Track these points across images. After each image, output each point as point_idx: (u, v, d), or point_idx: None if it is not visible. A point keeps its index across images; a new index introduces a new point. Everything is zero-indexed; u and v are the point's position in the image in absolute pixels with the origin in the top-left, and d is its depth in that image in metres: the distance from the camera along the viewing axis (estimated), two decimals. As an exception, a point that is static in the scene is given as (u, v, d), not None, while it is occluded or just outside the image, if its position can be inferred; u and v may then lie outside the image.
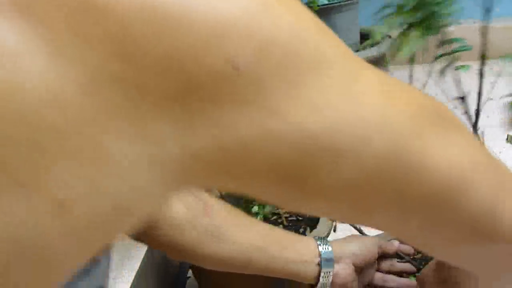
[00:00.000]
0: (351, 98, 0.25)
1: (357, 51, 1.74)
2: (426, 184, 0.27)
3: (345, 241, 0.67)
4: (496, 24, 2.45)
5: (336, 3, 1.67)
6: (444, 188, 0.28)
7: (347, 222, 0.32)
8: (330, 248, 0.63)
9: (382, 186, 0.27)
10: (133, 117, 0.20)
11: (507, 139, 0.63)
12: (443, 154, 0.27)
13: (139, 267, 0.90)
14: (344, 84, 0.24)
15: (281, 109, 0.23)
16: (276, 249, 0.61)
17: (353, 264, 0.65)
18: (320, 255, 0.63)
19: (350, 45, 1.67)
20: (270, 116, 0.23)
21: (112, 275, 0.92)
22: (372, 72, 0.27)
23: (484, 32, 0.50)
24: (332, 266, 0.63)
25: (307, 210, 0.28)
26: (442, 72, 0.53)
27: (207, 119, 0.22)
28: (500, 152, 1.40)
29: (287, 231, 0.65)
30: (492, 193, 0.30)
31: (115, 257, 0.93)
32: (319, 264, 0.62)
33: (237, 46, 0.21)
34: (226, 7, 0.21)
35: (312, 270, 0.62)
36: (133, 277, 0.87)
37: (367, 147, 0.25)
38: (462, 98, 0.52)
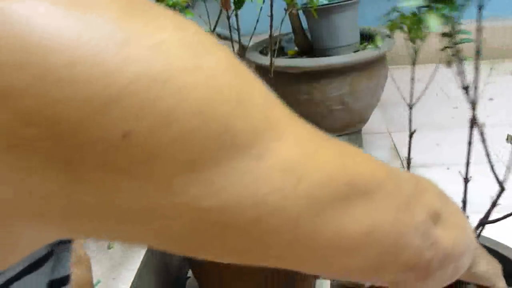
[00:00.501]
0: (250, 181, 0.23)
1: (356, 51, 1.74)
2: (312, 250, 0.28)
3: None
4: (495, 24, 2.45)
5: (336, 3, 1.67)
6: (330, 253, 0.29)
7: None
8: None
9: (267, 253, 0.27)
10: (15, 167, 0.19)
11: (507, 139, 0.63)
12: (336, 228, 0.27)
13: (139, 267, 0.90)
14: (246, 165, 0.23)
15: (173, 187, 0.21)
16: None
17: None
18: None
19: (350, 45, 1.67)
20: (161, 192, 0.21)
21: (112, 275, 0.92)
22: (286, 144, 0.25)
23: (479, 29, 0.51)
24: None
25: (198, 258, 0.28)
26: (449, 63, 0.53)
27: (94, 185, 0.20)
28: (500, 152, 1.41)
29: None
30: (381, 251, 0.31)
31: (115, 257, 0.93)
32: None
33: (129, 115, 0.19)
34: (120, 73, 0.19)
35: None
36: (133, 277, 0.87)
37: (255, 226, 0.24)
38: (466, 89, 0.52)
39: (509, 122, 1.73)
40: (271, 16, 0.85)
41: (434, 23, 0.47)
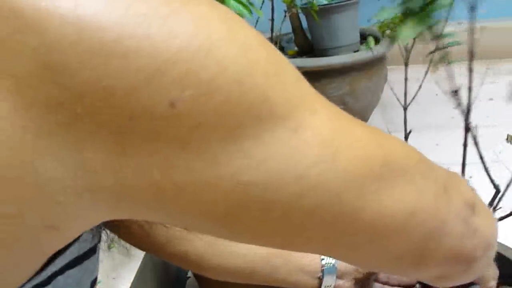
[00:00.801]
0: (290, 153, 0.24)
1: (356, 51, 1.74)
2: (355, 232, 0.27)
3: None
4: (495, 24, 2.45)
5: (336, 3, 1.67)
6: (374, 234, 0.28)
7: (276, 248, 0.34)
8: (333, 262, 0.64)
9: (310, 232, 0.27)
10: (66, 142, 0.20)
11: (507, 139, 0.63)
12: (378, 206, 0.27)
13: (139, 267, 0.90)
14: (285, 137, 0.23)
15: (217, 157, 0.22)
16: (279, 261, 0.61)
17: (355, 279, 0.66)
18: (322, 269, 0.63)
19: (350, 45, 1.67)
20: (205, 163, 0.22)
21: (112, 275, 0.92)
22: (321, 117, 0.25)
23: (471, 30, 0.51)
24: (334, 280, 0.63)
25: (237, 241, 0.28)
26: (435, 67, 0.53)
27: (143, 157, 0.21)
28: (500, 152, 1.41)
29: None
30: (425, 234, 0.30)
31: (115, 257, 0.93)
32: (321, 278, 0.63)
33: (175, 85, 0.20)
34: (166, 44, 0.20)
35: (313, 282, 0.63)
36: (133, 277, 0.87)
37: (299, 202, 0.25)
38: (455, 92, 0.52)
39: (509, 122, 1.73)
40: (272, 19, 0.85)
41: (406, 35, 0.47)
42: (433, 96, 2.08)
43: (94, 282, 0.33)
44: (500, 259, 0.56)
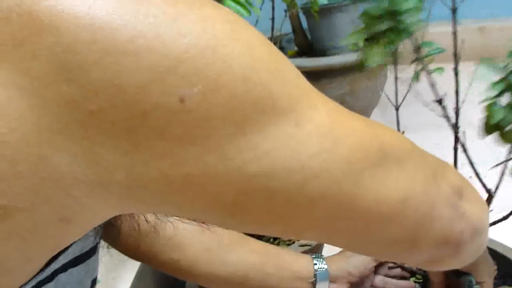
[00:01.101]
0: (293, 145, 0.25)
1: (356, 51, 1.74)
2: (354, 218, 0.29)
3: (342, 257, 0.67)
4: (495, 24, 2.45)
5: (336, 3, 1.67)
6: (371, 220, 0.30)
7: (278, 237, 0.36)
8: (325, 267, 0.64)
9: (312, 219, 0.28)
10: (79, 138, 0.21)
11: (507, 139, 0.63)
12: (375, 193, 0.29)
13: (139, 267, 0.90)
14: (287, 130, 0.25)
15: (225, 151, 0.23)
16: (272, 267, 0.62)
17: (349, 282, 0.66)
18: (315, 274, 0.63)
19: (349, 45, 1.65)
20: (214, 157, 0.23)
21: (112, 275, 0.92)
22: (319, 112, 0.27)
23: (454, 32, 0.51)
24: (327, 285, 0.63)
25: (242, 231, 0.31)
26: (417, 77, 0.53)
27: (154, 152, 0.22)
28: (500, 152, 1.40)
29: (282, 248, 0.66)
30: (417, 219, 0.32)
31: (115, 257, 0.93)
32: (314, 283, 0.63)
33: (185, 81, 0.21)
34: (176, 42, 0.21)
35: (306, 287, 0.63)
36: (133, 277, 0.87)
37: (302, 190, 0.26)
38: (440, 101, 0.52)
39: (509, 122, 1.72)
40: (273, 18, 0.85)
41: (374, 61, 0.46)
42: (433, 96, 2.07)
43: (94, 281, 0.33)
44: (500, 259, 0.56)
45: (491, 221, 0.62)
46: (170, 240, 0.57)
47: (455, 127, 0.54)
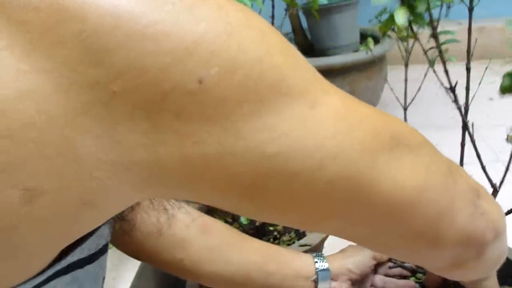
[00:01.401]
0: (309, 126, 0.26)
1: (356, 51, 1.74)
2: (373, 204, 0.29)
3: (342, 256, 0.67)
4: (495, 24, 2.45)
5: (336, 3, 1.67)
6: (390, 208, 0.30)
7: (296, 227, 0.35)
8: (326, 265, 0.64)
9: (330, 204, 0.28)
10: (102, 119, 0.22)
11: (507, 139, 0.63)
12: (391, 179, 0.29)
13: (139, 267, 0.90)
14: (303, 112, 0.25)
15: (242, 131, 0.24)
16: (274, 266, 0.62)
17: (350, 279, 0.66)
18: (316, 272, 0.63)
19: (350, 45, 1.66)
20: (231, 137, 0.24)
21: (112, 275, 0.92)
22: (333, 97, 0.28)
23: (469, 29, 0.51)
24: (329, 283, 0.63)
25: (259, 219, 0.30)
26: (432, 64, 0.54)
27: (173, 132, 0.23)
28: (500, 152, 1.41)
29: (284, 247, 0.66)
30: (438, 210, 0.32)
31: (115, 257, 0.93)
32: (316, 281, 0.63)
33: (202, 63, 0.22)
34: (193, 27, 0.22)
35: (308, 286, 0.63)
36: (133, 277, 0.87)
37: (320, 172, 0.26)
38: (452, 89, 0.53)
39: (509, 122, 1.73)
40: (273, 17, 0.85)
41: (401, 19, 0.48)
42: (433, 96, 2.08)
43: (103, 279, 0.34)
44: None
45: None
46: (173, 240, 0.57)
47: (464, 123, 0.54)
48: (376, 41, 1.68)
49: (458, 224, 0.34)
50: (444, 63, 0.52)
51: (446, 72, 0.52)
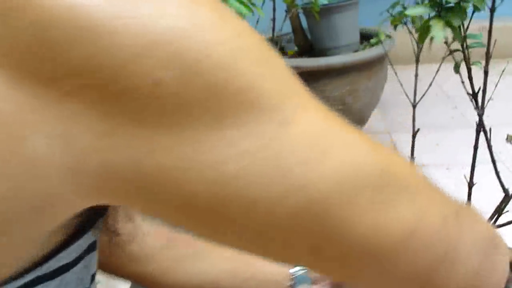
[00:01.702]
0: (276, 147, 0.22)
1: (356, 51, 1.74)
2: (348, 245, 0.25)
3: None
4: (495, 24, 2.45)
5: (336, 3, 1.67)
6: (369, 251, 0.25)
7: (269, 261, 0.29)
8: (306, 269, 0.63)
9: (297, 240, 0.25)
10: (54, 118, 0.20)
11: (507, 139, 0.63)
12: (371, 220, 0.25)
13: (139, 267, 0.90)
14: (272, 129, 0.22)
15: (200, 144, 0.22)
16: (247, 273, 0.60)
17: (330, 283, 0.65)
18: (293, 276, 0.63)
19: (350, 45, 1.67)
20: (189, 149, 0.22)
21: (112, 275, 0.92)
22: (311, 115, 0.24)
23: (490, 31, 0.51)
24: (308, 287, 0.63)
25: (219, 243, 0.26)
26: (457, 68, 0.53)
27: (128, 138, 0.21)
28: (500, 152, 1.41)
29: None
30: (433, 258, 0.28)
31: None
32: (292, 286, 0.62)
33: (161, 64, 0.20)
34: (153, 26, 0.20)
35: None
36: (133, 277, 0.86)
37: (282, 203, 0.23)
38: (475, 95, 0.52)
39: (509, 122, 1.73)
40: (274, 19, 0.85)
41: (439, 34, 0.46)
42: (433, 96, 2.08)
43: (93, 276, 0.33)
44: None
45: (506, 220, 0.62)
46: (138, 251, 0.56)
47: (479, 126, 0.53)
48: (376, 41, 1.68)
49: (459, 274, 0.29)
50: (469, 70, 0.51)
51: (470, 79, 0.52)
